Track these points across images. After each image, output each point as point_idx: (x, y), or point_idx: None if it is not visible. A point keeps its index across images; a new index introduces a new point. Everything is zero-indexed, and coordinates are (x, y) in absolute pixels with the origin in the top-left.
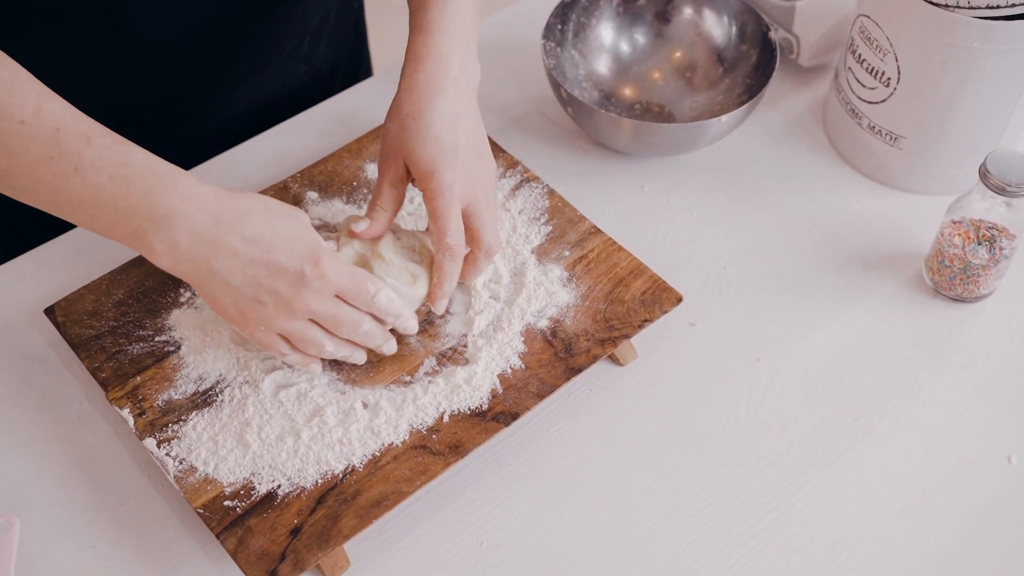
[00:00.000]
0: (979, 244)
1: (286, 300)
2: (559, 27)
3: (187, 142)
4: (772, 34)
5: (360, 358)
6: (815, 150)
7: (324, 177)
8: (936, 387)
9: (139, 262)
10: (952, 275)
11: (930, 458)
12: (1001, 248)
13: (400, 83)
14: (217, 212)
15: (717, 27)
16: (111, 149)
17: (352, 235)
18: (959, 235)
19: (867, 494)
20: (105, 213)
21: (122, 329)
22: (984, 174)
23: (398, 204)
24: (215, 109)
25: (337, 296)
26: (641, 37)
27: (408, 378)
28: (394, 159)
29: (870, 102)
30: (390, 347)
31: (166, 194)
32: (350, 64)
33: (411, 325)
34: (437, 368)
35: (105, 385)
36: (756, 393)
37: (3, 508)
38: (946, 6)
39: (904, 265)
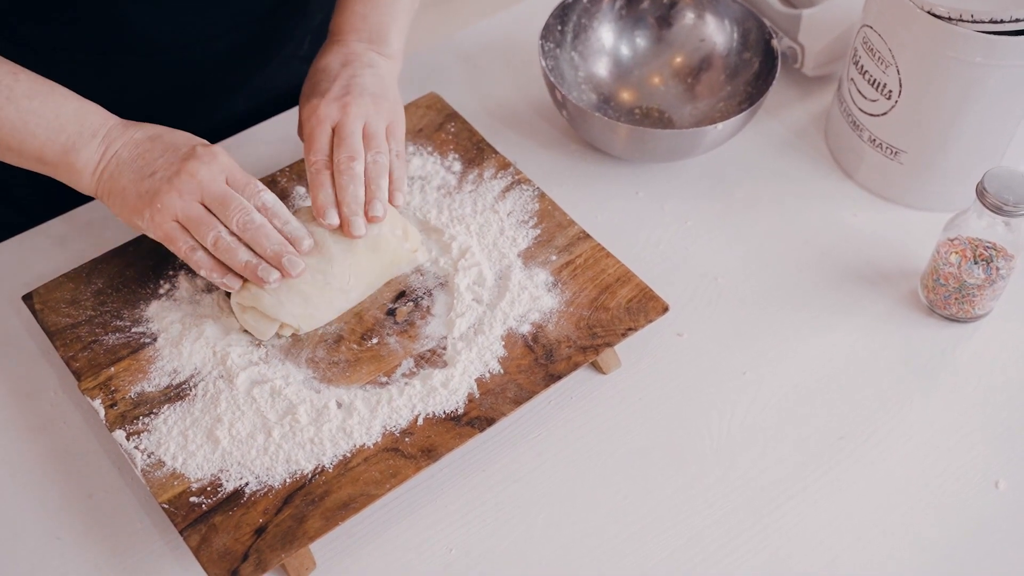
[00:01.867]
0: (975, 263)
1: (177, 169)
2: (559, 28)
3: None
4: (775, 42)
5: (271, 275)
6: (815, 161)
7: (292, 175)
8: (925, 409)
9: (120, 251)
10: (947, 294)
11: (915, 481)
12: (998, 268)
13: None
14: (127, 123)
15: (719, 33)
16: (39, 80)
17: None
18: (955, 253)
19: (847, 516)
20: (37, 135)
21: (99, 319)
22: (981, 192)
23: None
24: (215, 109)
25: (227, 184)
26: (642, 41)
27: (384, 379)
28: (299, 122)
29: (871, 114)
30: (293, 264)
31: (93, 112)
32: None
33: (305, 243)
34: (414, 370)
35: (78, 375)
36: (740, 408)
37: None
38: (949, 19)
39: (899, 282)
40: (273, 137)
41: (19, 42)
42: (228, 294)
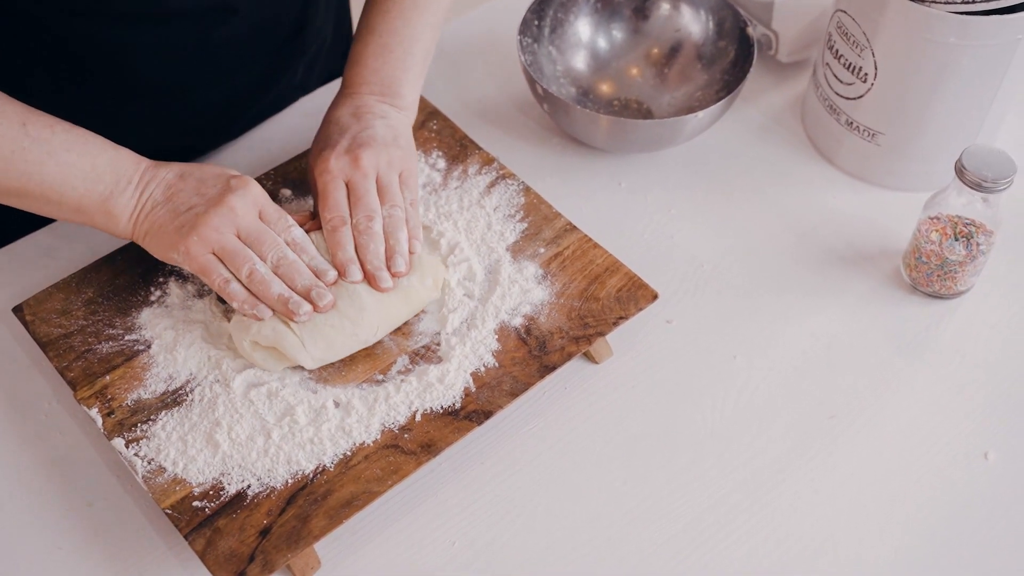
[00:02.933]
0: (956, 240)
1: (214, 201)
2: (536, 23)
3: None
4: (750, 30)
5: (302, 306)
6: (794, 146)
7: (297, 174)
8: (913, 384)
9: (109, 260)
10: (929, 271)
11: (906, 456)
12: (978, 244)
13: None
14: (158, 165)
15: (695, 23)
16: (72, 132)
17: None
18: (936, 231)
19: (842, 493)
20: (75, 187)
21: (91, 328)
22: (960, 170)
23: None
24: (213, 143)
25: (260, 217)
26: (619, 33)
27: (380, 377)
28: (310, 172)
29: (848, 98)
30: (321, 295)
31: (127, 159)
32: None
33: (329, 274)
34: (410, 367)
35: (73, 384)
36: (732, 391)
37: None
38: (923, 1)
39: (882, 262)
40: (256, 142)
41: (25, 92)
42: (222, 302)
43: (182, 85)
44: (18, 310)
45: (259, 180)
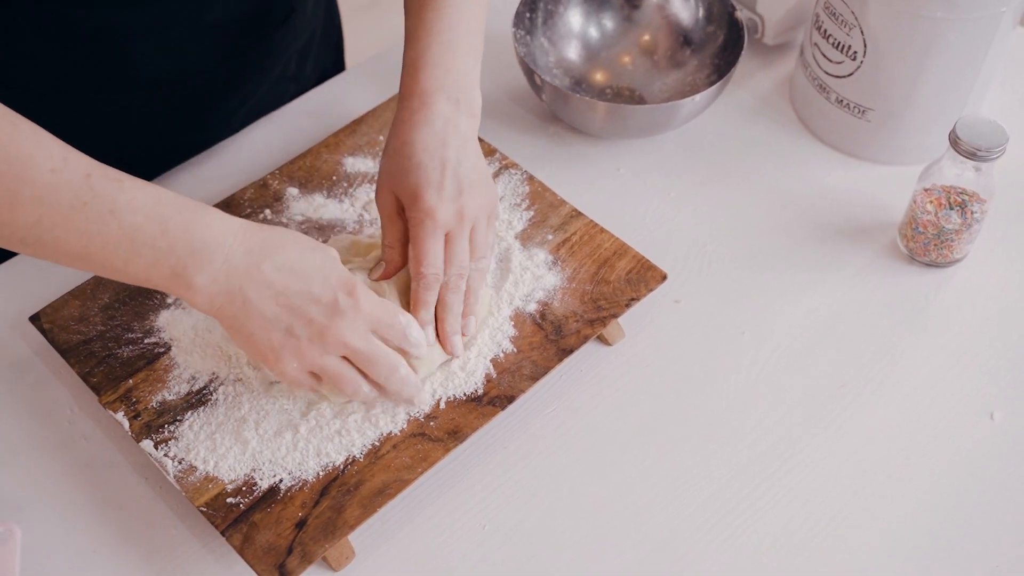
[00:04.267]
0: (951, 209)
1: (320, 329)
2: (527, 15)
3: (180, 164)
4: (738, 14)
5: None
6: (784, 126)
7: (303, 173)
8: (917, 351)
9: None
10: (926, 241)
11: (917, 420)
12: (972, 212)
13: (393, 119)
14: (250, 244)
15: (684, 9)
16: (143, 190)
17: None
18: (931, 202)
19: (858, 458)
20: (142, 254)
21: (111, 333)
22: (955, 140)
23: (403, 236)
24: (211, 137)
25: (372, 331)
26: (609, 22)
27: None
28: (387, 193)
29: (837, 76)
30: (421, 398)
31: (204, 228)
32: (334, 75)
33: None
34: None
35: (97, 389)
36: (743, 366)
37: (2, 517)
38: None
39: (878, 234)
40: (260, 142)
41: (18, 87)
42: None
43: (176, 72)
44: (35, 319)
45: (264, 180)
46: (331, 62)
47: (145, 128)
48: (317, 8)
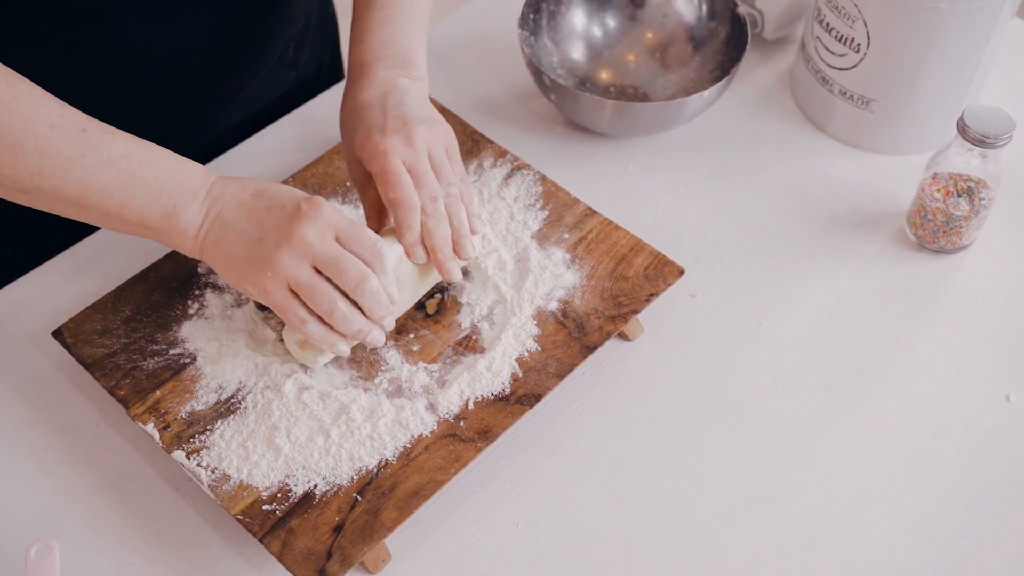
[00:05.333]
0: (959, 196)
1: (286, 234)
2: (532, 16)
3: (185, 156)
4: (740, 9)
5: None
6: (787, 120)
7: (317, 180)
8: (931, 336)
9: (142, 278)
10: (935, 228)
11: (934, 405)
12: (980, 199)
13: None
14: (230, 181)
15: (687, 6)
16: (134, 140)
17: None
18: (939, 190)
19: (879, 444)
20: (137, 197)
21: (135, 345)
22: (963, 128)
23: (379, 203)
24: (212, 122)
25: (338, 241)
26: (612, 21)
27: (428, 367)
28: (351, 161)
29: (840, 68)
30: (381, 330)
31: (191, 172)
32: (331, 68)
33: (394, 291)
34: (455, 358)
35: (125, 402)
36: (762, 357)
37: (37, 533)
38: None
39: (885, 223)
40: (269, 149)
41: (16, 69)
42: (262, 309)
43: (174, 52)
44: (58, 334)
45: None
46: (328, 52)
47: (144, 110)
48: None
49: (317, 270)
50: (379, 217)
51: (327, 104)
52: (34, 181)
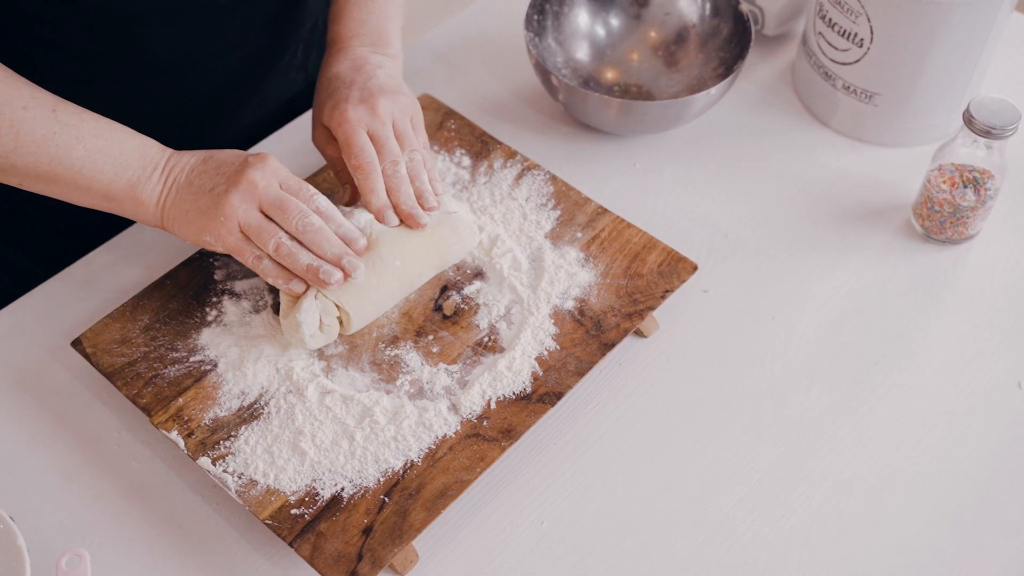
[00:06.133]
0: (965, 187)
1: (235, 180)
2: (536, 18)
3: None
4: (743, 6)
5: (332, 273)
6: (790, 115)
7: (328, 186)
8: (942, 326)
9: (158, 286)
10: (942, 219)
11: (948, 392)
12: (986, 189)
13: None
14: (181, 152)
15: (690, 4)
16: (101, 120)
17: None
18: (945, 181)
19: (896, 432)
20: (104, 172)
21: (155, 353)
22: (969, 120)
23: (340, 161)
24: (225, 124)
25: (281, 188)
26: (615, 20)
27: (448, 368)
28: (317, 127)
29: (844, 63)
30: (353, 265)
31: (152, 146)
32: None
33: (359, 242)
34: (475, 358)
35: (148, 411)
36: (777, 350)
37: (66, 542)
38: None
39: (891, 215)
40: (281, 151)
41: (35, 76)
42: (278, 312)
43: (191, 57)
44: (77, 344)
45: None
46: None
47: (160, 114)
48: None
49: (265, 215)
50: (343, 174)
51: None
52: (9, 159)
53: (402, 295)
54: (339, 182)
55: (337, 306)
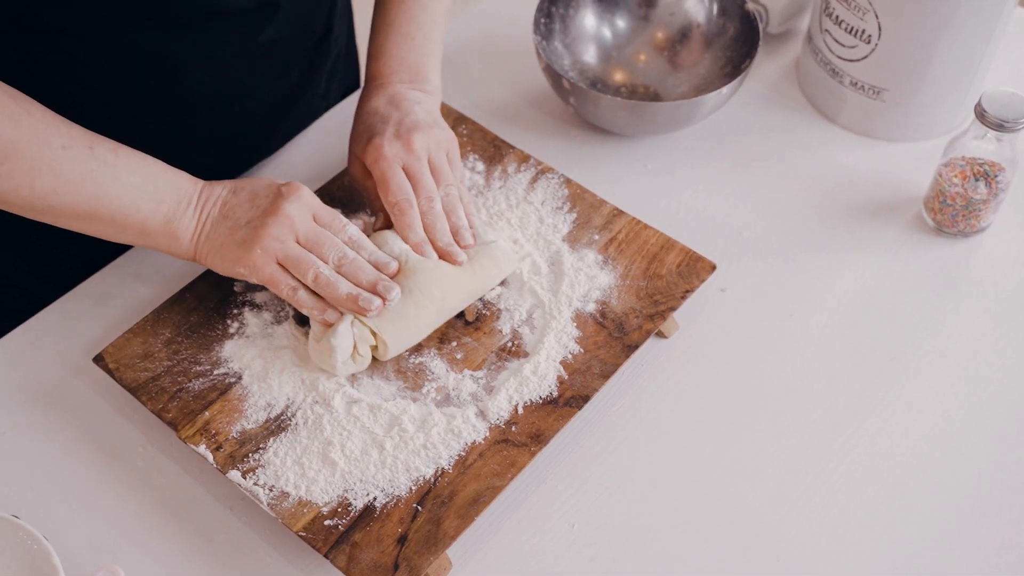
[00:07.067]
0: (977, 180)
1: (271, 211)
2: (544, 21)
3: None
4: (749, 5)
5: (373, 301)
6: (797, 112)
7: (343, 193)
8: (958, 318)
9: (178, 300)
10: (954, 213)
11: (968, 384)
12: (998, 182)
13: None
14: (212, 184)
15: (696, 4)
16: (135, 155)
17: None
18: (956, 175)
19: (919, 424)
20: (141, 208)
21: (178, 367)
22: (981, 113)
23: (377, 194)
24: (253, 155)
25: (315, 220)
26: (621, 21)
27: (474, 374)
28: (354, 160)
29: (851, 60)
30: (388, 287)
31: (185, 180)
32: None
33: (391, 266)
34: (499, 364)
35: (175, 425)
36: (795, 347)
37: (98, 560)
38: None
39: (902, 209)
40: (291, 164)
41: (71, 110)
42: (301, 324)
43: (225, 95)
44: (99, 359)
45: None
46: (353, 79)
47: (191, 149)
48: (342, 28)
49: (300, 245)
50: (376, 203)
51: (338, 119)
52: (48, 200)
53: (439, 323)
54: (373, 210)
55: (373, 333)
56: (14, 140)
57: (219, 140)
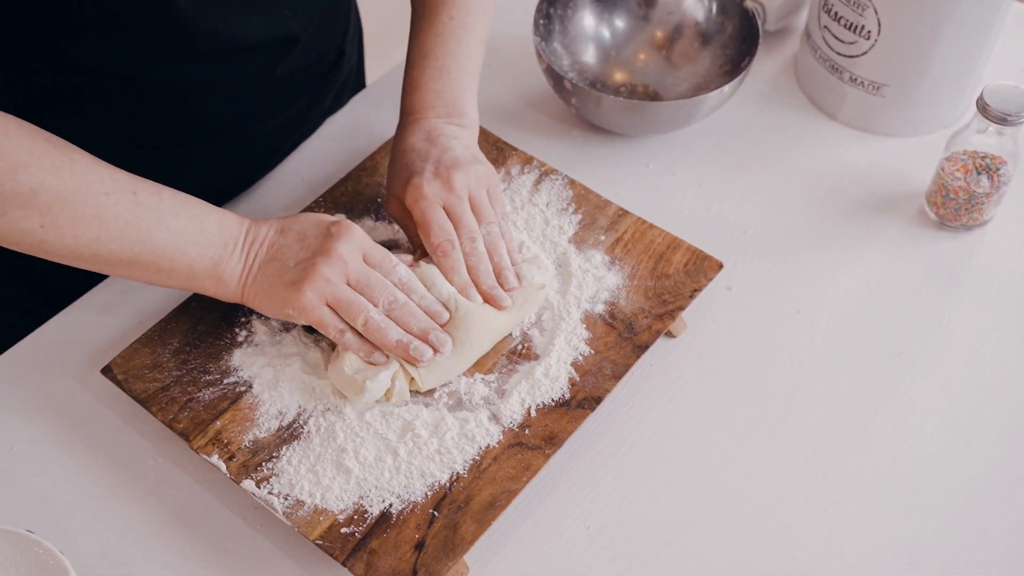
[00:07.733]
0: (979, 174)
1: (322, 252)
2: (543, 22)
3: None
4: (747, 3)
5: (423, 351)
6: (797, 109)
7: (348, 198)
8: (962, 311)
9: (184, 309)
10: (957, 206)
11: (976, 377)
12: (1000, 175)
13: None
14: (259, 223)
15: (695, 3)
16: (178, 196)
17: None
18: (958, 169)
19: (928, 418)
20: (187, 252)
21: (187, 377)
22: (983, 107)
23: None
24: (259, 173)
25: (365, 261)
26: (620, 21)
27: (486, 378)
28: (392, 200)
29: (851, 56)
30: (441, 341)
31: (231, 220)
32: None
33: (443, 315)
34: (510, 367)
35: (186, 435)
36: (803, 343)
37: (112, 573)
38: None
39: (904, 204)
40: (294, 172)
41: (85, 139)
42: (310, 331)
43: (239, 122)
44: (107, 371)
45: (309, 207)
46: (359, 89)
47: (200, 174)
48: (353, 49)
49: (351, 287)
50: (415, 239)
51: (339, 125)
52: (92, 248)
53: (474, 359)
54: (413, 247)
55: (411, 379)
56: (58, 189)
57: (227, 164)
